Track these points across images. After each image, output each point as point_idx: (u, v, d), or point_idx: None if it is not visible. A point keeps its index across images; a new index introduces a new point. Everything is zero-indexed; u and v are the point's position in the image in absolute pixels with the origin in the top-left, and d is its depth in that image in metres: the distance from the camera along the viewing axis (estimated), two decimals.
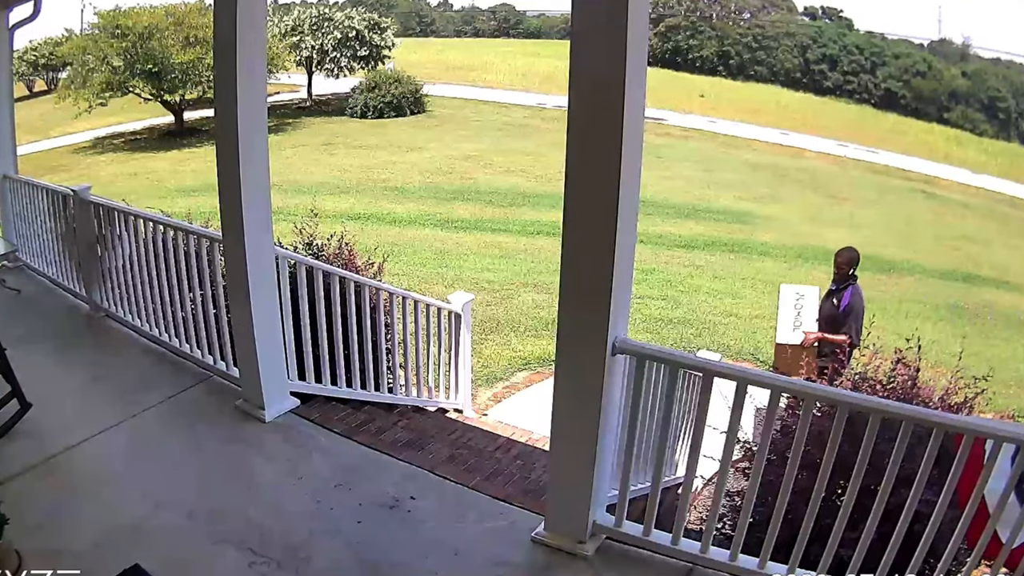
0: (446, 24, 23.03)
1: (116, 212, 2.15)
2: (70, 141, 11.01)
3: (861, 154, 11.54)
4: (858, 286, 2.54)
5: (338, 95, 12.79)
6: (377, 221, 6.76)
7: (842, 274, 2.55)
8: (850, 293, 2.52)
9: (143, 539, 1.36)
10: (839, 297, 2.55)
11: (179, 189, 7.70)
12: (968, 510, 1.12)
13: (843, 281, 2.55)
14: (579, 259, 1.22)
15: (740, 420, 1.25)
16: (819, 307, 2.73)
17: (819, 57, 16.77)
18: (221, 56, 1.57)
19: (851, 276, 2.53)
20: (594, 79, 1.14)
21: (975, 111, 14.67)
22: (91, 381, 1.95)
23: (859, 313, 2.49)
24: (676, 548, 1.32)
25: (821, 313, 2.68)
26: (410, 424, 2.13)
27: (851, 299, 2.51)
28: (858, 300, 2.51)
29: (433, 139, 10.40)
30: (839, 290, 2.56)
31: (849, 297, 2.51)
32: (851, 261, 2.55)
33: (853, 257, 2.56)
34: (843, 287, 2.54)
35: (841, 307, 2.52)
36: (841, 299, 2.54)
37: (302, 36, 12.19)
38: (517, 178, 8.64)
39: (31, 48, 13.85)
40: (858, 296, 2.52)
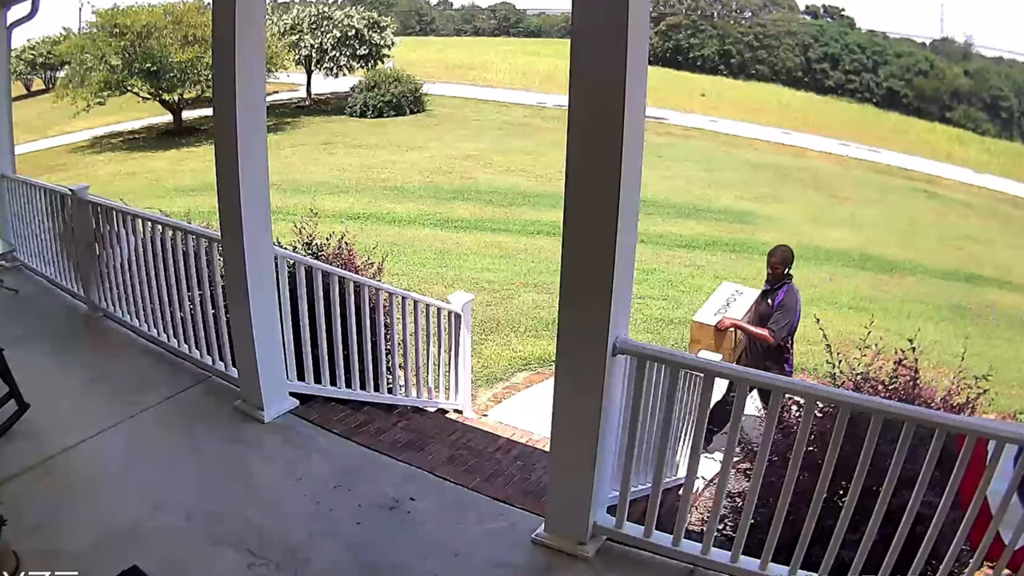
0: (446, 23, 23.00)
1: (114, 212, 2.14)
2: (68, 140, 10.99)
3: (863, 153, 11.54)
4: (793, 286, 2.47)
5: (337, 94, 12.77)
6: (376, 221, 6.75)
7: (776, 274, 2.48)
8: (784, 292, 2.45)
9: (141, 540, 1.35)
10: (773, 297, 2.49)
11: (177, 188, 7.70)
12: (970, 511, 1.11)
13: (777, 281, 2.48)
14: (580, 259, 1.22)
15: (741, 420, 1.24)
16: (754, 307, 2.67)
17: (821, 56, 16.79)
18: (220, 55, 1.56)
19: (786, 276, 2.46)
20: (595, 78, 1.13)
21: (977, 110, 14.70)
22: (89, 381, 1.94)
23: (790, 310, 2.41)
24: (677, 549, 1.31)
25: (756, 312, 2.59)
26: (410, 425, 2.12)
27: (784, 297, 2.44)
28: (791, 298, 2.43)
29: (433, 138, 10.38)
30: (773, 290, 2.50)
31: (783, 295, 2.45)
32: (785, 261, 2.47)
33: (787, 256, 2.49)
34: (777, 287, 2.48)
35: (774, 306, 2.46)
36: (775, 298, 2.48)
37: (301, 35, 12.16)
38: (517, 177, 8.62)
39: (29, 47, 13.86)
40: (792, 295, 2.44)
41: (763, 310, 2.53)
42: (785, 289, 2.47)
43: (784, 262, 2.48)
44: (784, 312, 2.43)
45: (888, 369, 1.50)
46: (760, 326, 2.48)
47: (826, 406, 1.40)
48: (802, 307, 2.49)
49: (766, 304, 2.52)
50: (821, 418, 1.39)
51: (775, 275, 2.50)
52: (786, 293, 2.46)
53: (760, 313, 2.56)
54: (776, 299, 2.47)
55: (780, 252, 2.52)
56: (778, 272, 2.49)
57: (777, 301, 2.46)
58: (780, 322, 2.42)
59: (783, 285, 2.48)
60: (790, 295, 2.46)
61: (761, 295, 2.62)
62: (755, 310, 2.62)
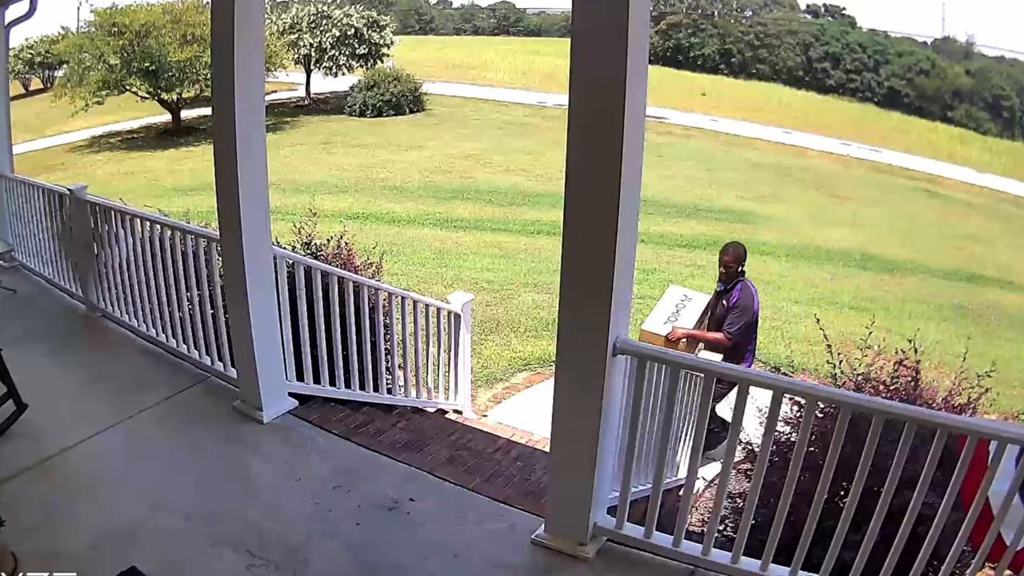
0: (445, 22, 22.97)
1: (113, 211, 2.13)
2: (66, 140, 10.96)
3: (864, 153, 11.50)
4: (747, 283, 2.32)
5: (336, 93, 12.75)
6: (376, 220, 6.73)
7: (730, 273, 2.32)
8: (738, 291, 2.31)
9: (140, 541, 1.35)
10: (728, 297, 2.34)
11: (176, 188, 7.67)
12: (972, 512, 1.11)
13: (731, 280, 2.33)
14: (580, 259, 1.21)
15: (742, 421, 1.24)
16: (709, 310, 2.42)
17: (822, 55, 16.77)
18: (219, 54, 1.55)
19: (740, 273, 2.32)
20: (595, 77, 1.13)
21: (979, 109, 14.67)
22: (88, 382, 1.93)
23: (746, 309, 2.27)
24: (677, 550, 1.31)
25: (713, 315, 2.41)
26: (409, 425, 2.12)
27: (738, 297, 2.30)
28: (747, 297, 2.29)
29: (432, 138, 10.36)
30: (727, 290, 2.35)
31: (737, 295, 2.31)
32: (739, 258, 2.32)
33: (740, 254, 2.34)
34: (731, 286, 2.33)
35: (729, 307, 2.32)
36: (730, 299, 2.33)
37: (300, 34, 12.14)
38: (517, 177, 8.61)
39: (27, 46, 13.83)
40: (747, 293, 2.30)
41: (719, 312, 2.38)
42: (739, 288, 2.33)
43: (737, 260, 2.35)
44: (740, 312, 2.30)
45: (889, 369, 1.49)
46: (716, 329, 2.35)
47: (827, 406, 1.39)
48: (759, 301, 2.35)
49: (721, 306, 2.38)
50: (822, 418, 1.38)
51: (729, 274, 2.36)
52: (740, 292, 2.33)
53: (716, 316, 2.38)
54: (731, 299, 2.34)
55: (733, 250, 2.38)
56: (732, 271, 2.35)
57: (732, 302, 2.33)
58: (736, 323, 2.29)
59: (737, 284, 2.35)
60: (745, 293, 2.33)
61: (715, 296, 2.43)
62: (711, 313, 2.46)
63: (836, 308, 4.97)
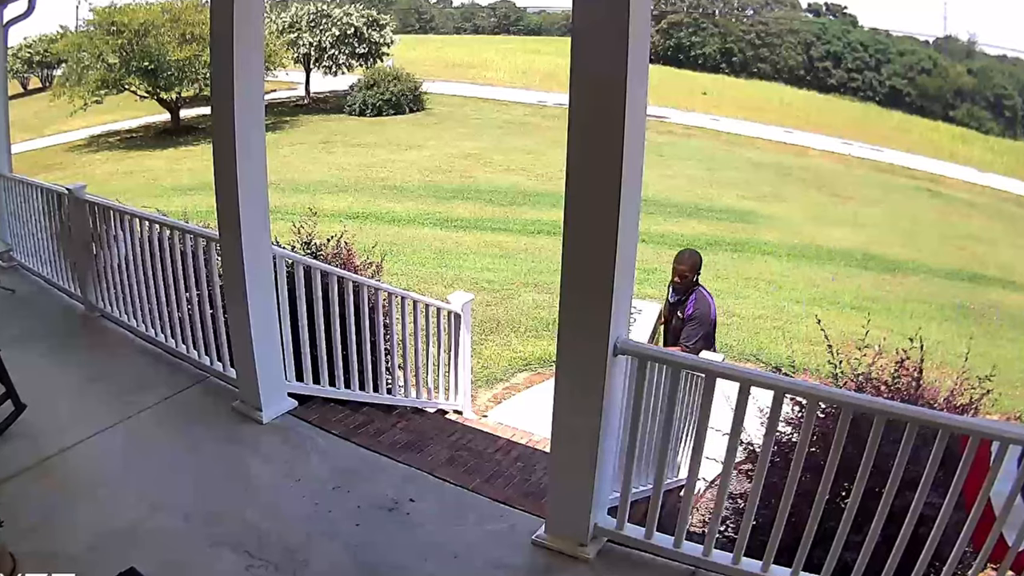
0: (445, 21, 22.93)
1: (111, 211, 2.13)
2: (65, 139, 10.96)
3: (865, 152, 11.47)
4: (702, 290, 2.21)
5: (336, 93, 12.73)
6: (376, 220, 6.73)
7: (686, 282, 2.18)
8: (693, 301, 2.19)
9: (139, 542, 1.35)
10: (683, 308, 2.21)
11: (175, 188, 7.66)
12: (973, 513, 1.10)
13: (686, 290, 2.19)
14: (580, 258, 1.21)
15: (743, 422, 1.23)
16: (664, 322, 2.31)
17: (823, 54, 16.71)
18: (218, 53, 1.54)
19: (695, 283, 2.20)
20: (595, 76, 1.12)
21: (981, 109, 14.61)
22: (86, 382, 1.93)
23: (703, 319, 2.16)
24: (678, 551, 1.31)
25: (668, 327, 2.28)
26: (409, 425, 2.11)
27: (694, 307, 2.18)
28: (703, 306, 2.17)
29: (432, 137, 10.35)
30: (682, 301, 2.22)
31: (692, 306, 2.19)
32: (695, 267, 2.19)
33: (696, 262, 2.21)
34: (686, 297, 2.20)
35: (685, 318, 2.19)
36: (685, 310, 2.21)
37: (300, 33, 12.11)
38: (517, 176, 8.60)
39: (26, 45, 13.79)
40: (703, 303, 2.18)
41: (675, 324, 2.24)
42: (694, 298, 2.21)
43: (693, 268, 2.22)
44: (697, 323, 2.18)
45: (891, 369, 1.49)
46: (673, 342, 2.22)
47: (828, 407, 1.39)
48: (716, 309, 2.22)
49: (677, 317, 2.24)
50: (823, 419, 1.38)
51: (684, 283, 2.22)
52: (696, 301, 2.21)
53: (673, 328, 2.24)
54: (687, 310, 2.21)
55: (688, 257, 2.24)
56: (687, 280, 2.21)
57: (688, 312, 2.20)
58: (693, 336, 2.17)
59: (691, 293, 2.22)
60: (701, 303, 2.20)
61: (668, 307, 2.27)
62: (665, 324, 2.32)
63: (837, 308, 4.97)
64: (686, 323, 2.21)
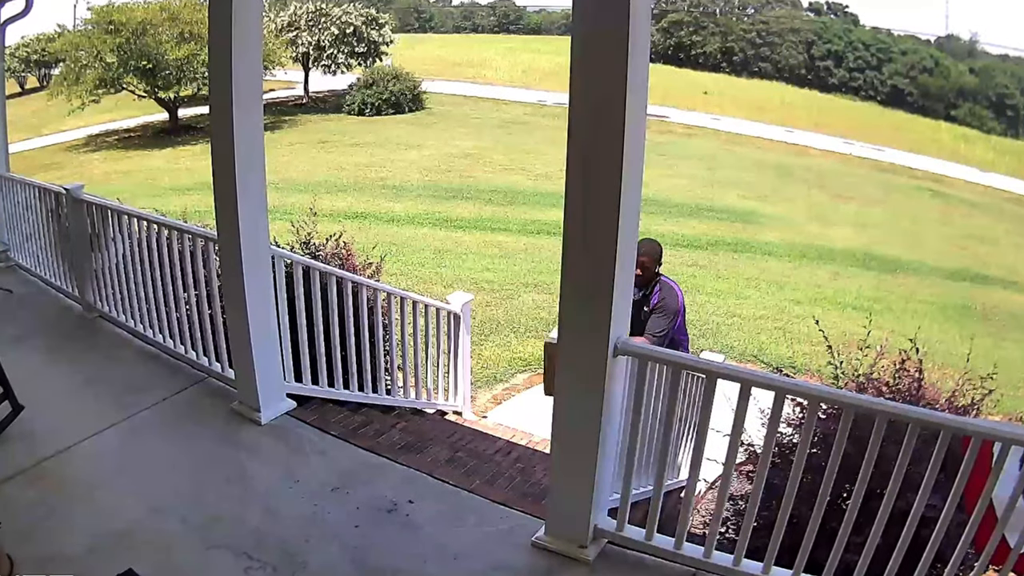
0: (445, 20, 22.86)
1: (109, 211, 2.12)
2: (63, 139, 10.94)
3: (867, 152, 11.43)
4: (666, 280, 2.05)
5: (335, 92, 12.68)
6: (375, 220, 6.71)
7: (647, 275, 2.00)
8: (657, 293, 2.03)
9: (137, 544, 1.34)
10: (648, 303, 2.05)
11: (174, 187, 7.64)
12: (975, 514, 1.10)
13: (648, 283, 2.02)
14: (580, 259, 1.20)
15: (744, 423, 1.23)
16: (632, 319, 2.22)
17: (824, 53, 16.58)
18: (216, 52, 1.53)
19: (656, 274, 2.04)
20: (595, 75, 1.11)
21: (983, 108, 14.48)
22: (84, 383, 1.92)
23: (669, 311, 2.00)
24: (679, 553, 1.30)
25: (635, 321, 2.09)
26: (408, 427, 2.10)
27: (658, 298, 2.02)
28: (669, 297, 2.02)
29: (432, 136, 10.32)
30: (646, 296, 2.05)
31: (656, 298, 2.03)
32: (656, 257, 2.02)
33: (657, 251, 2.04)
34: (650, 290, 2.04)
35: (651, 309, 2.04)
36: (650, 304, 2.05)
37: (298, 32, 12.09)
38: (517, 176, 8.58)
39: (23, 44, 13.72)
40: (668, 293, 2.03)
41: (642, 317, 2.05)
42: (658, 289, 2.05)
43: (653, 259, 2.04)
44: (663, 313, 2.02)
45: (892, 370, 1.48)
46: (639, 334, 2.01)
47: (829, 407, 1.38)
48: (683, 297, 2.06)
49: (644, 311, 2.05)
50: (824, 419, 1.37)
51: (646, 277, 2.02)
52: (660, 292, 2.05)
53: (640, 321, 2.03)
54: (651, 302, 2.05)
55: (647, 248, 2.02)
56: (649, 272, 2.03)
57: (653, 304, 2.05)
58: (660, 326, 2.01)
59: (655, 285, 2.05)
60: (666, 293, 2.04)
61: (635, 305, 2.03)
62: (634, 325, 2.05)
63: (839, 308, 4.95)
64: (652, 313, 2.05)
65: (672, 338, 2.06)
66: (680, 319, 2.11)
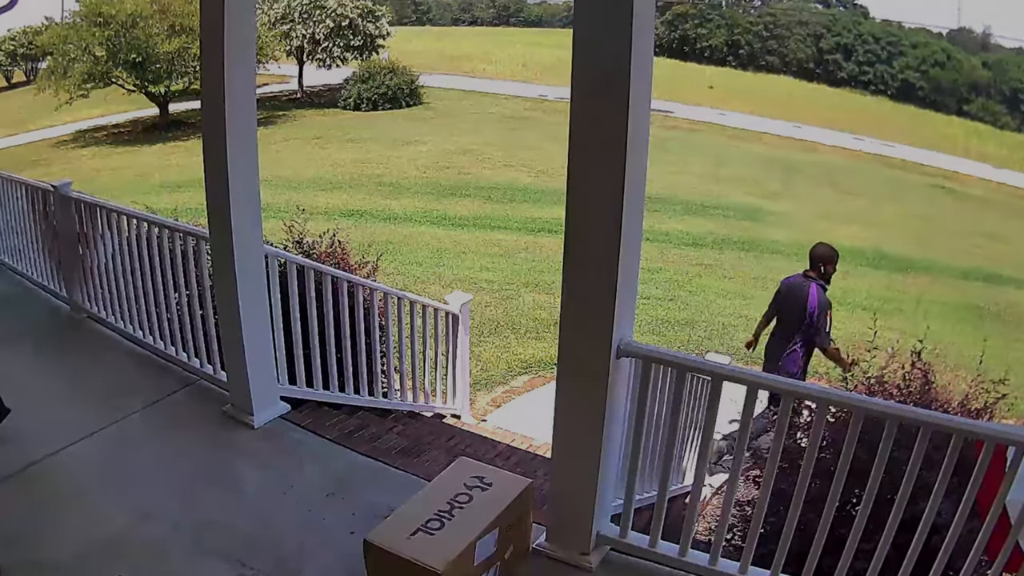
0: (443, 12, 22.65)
1: (98, 209, 2.07)
2: (50, 134, 10.74)
3: (877, 148, 11.22)
4: (812, 283, 2.53)
5: (330, 86, 12.54)
6: (371, 218, 6.61)
7: (827, 273, 2.52)
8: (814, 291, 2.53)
9: (127, 551, 1.30)
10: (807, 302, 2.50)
11: (164, 184, 7.49)
12: (988, 521, 1.07)
13: (827, 279, 2.53)
14: (582, 258, 1.16)
15: (750, 426, 1.20)
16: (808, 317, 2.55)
17: (833, 46, 16.39)
18: (208, 45, 1.48)
19: (825, 274, 2.57)
20: (598, 69, 1.07)
21: (996, 103, 14.28)
22: (72, 385, 1.88)
23: (824, 308, 2.52)
24: (684, 560, 1.27)
25: (815, 324, 2.54)
26: (405, 430, 2.07)
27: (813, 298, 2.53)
28: (821, 298, 2.50)
29: (430, 132, 10.18)
30: (819, 289, 2.54)
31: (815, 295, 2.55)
32: (832, 260, 2.51)
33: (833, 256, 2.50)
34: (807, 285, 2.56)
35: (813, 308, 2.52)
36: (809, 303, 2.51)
37: (292, 25, 11.88)
38: (517, 173, 8.46)
39: (9, 37, 13.57)
40: (818, 295, 2.52)
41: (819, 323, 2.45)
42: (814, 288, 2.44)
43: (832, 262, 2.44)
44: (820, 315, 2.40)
45: (903, 372, 1.44)
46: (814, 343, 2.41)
47: (839, 411, 1.35)
48: (815, 299, 2.41)
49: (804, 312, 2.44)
50: (833, 423, 1.35)
51: (826, 274, 2.45)
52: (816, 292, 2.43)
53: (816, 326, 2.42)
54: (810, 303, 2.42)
55: (824, 250, 2.48)
56: (829, 271, 2.45)
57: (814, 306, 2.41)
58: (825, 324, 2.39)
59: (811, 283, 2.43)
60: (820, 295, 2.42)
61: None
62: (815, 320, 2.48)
63: (848, 308, 4.83)
64: (815, 311, 2.40)
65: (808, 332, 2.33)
66: (808, 321, 2.39)
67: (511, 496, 1.22)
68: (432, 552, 1.09)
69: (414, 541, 1.12)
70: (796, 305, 2.44)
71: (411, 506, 1.20)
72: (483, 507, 1.19)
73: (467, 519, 1.16)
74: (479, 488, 1.23)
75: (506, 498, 1.21)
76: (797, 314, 2.43)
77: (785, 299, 2.49)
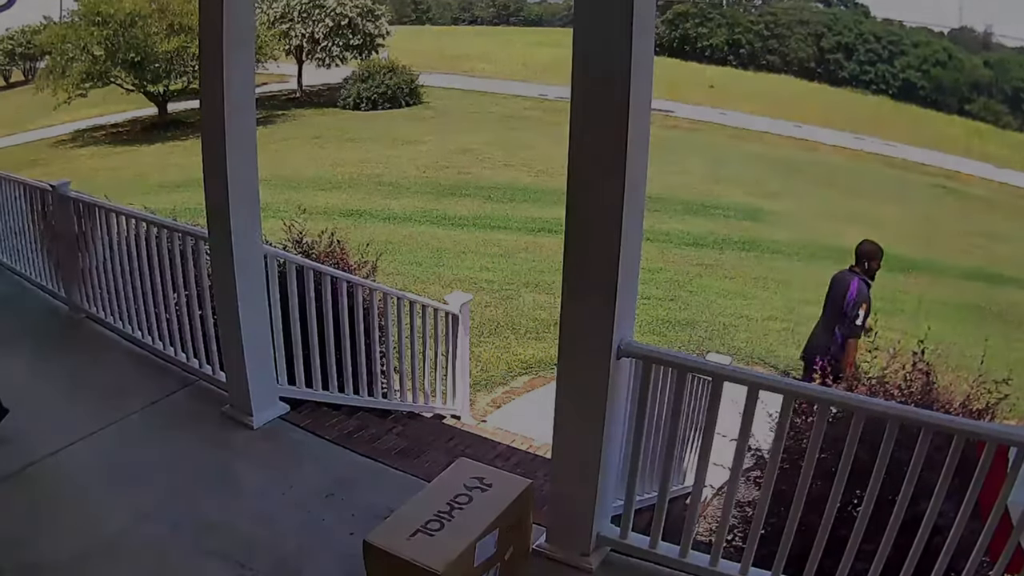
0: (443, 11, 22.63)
1: (97, 208, 2.06)
2: (49, 134, 10.73)
3: (878, 147, 11.23)
4: (855, 278, 2.76)
5: (329, 86, 12.52)
6: (371, 218, 6.60)
7: (871, 268, 2.68)
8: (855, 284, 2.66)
9: (126, 552, 1.30)
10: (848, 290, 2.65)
11: (163, 184, 7.48)
12: (990, 522, 1.07)
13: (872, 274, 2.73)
14: (582, 258, 1.16)
15: (751, 427, 1.19)
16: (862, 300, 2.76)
17: (834, 46, 16.39)
18: (207, 44, 1.48)
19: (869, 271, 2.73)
20: (598, 69, 1.06)
21: (998, 102, 14.23)
22: (71, 386, 1.88)
23: (863, 299, 2.68)
24: (684, 561, 1.27)
25: (862, 306, 2.70)
26: (405, 431, 2.07)
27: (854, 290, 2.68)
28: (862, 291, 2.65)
29: (429, 132, 10.17)
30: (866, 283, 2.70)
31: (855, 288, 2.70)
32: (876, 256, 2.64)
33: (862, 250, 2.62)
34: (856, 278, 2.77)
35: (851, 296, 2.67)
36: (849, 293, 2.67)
37: (292, 24, 11.88)
38: (517, 172, 8.46)
39: (7, 36, 13.55)
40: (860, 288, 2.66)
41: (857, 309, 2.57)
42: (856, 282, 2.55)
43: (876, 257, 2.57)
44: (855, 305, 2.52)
45: (904, 372, 1.44)
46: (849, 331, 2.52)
47: (840, 411, 1.35)
48: (854, 291, 2.53)
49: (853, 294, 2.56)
50: (834, 423, 1.34)
51: (870, 270, 2.56)
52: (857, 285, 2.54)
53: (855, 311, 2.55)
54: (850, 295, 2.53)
55: (869, 247, 2.59)
56: (874, 267, 2.57)
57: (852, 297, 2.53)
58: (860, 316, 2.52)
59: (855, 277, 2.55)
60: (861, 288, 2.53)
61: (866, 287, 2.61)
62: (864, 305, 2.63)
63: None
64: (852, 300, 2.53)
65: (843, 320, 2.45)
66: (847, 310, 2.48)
67: (511, 497, 1.20)
68: (432, 553, 1.08)
69: (414, 542, 1.10)
70: (838, 296, 2.55)
71: (411, 507, 1.19)
72: (483, 508, 1.17)
73: (467, 520, 1.14)
74: (479, 489, 1.21)
75: (506, 499, 1.19)
76: (839, 305, 2.54)
77: (831, 291, 2.62)
